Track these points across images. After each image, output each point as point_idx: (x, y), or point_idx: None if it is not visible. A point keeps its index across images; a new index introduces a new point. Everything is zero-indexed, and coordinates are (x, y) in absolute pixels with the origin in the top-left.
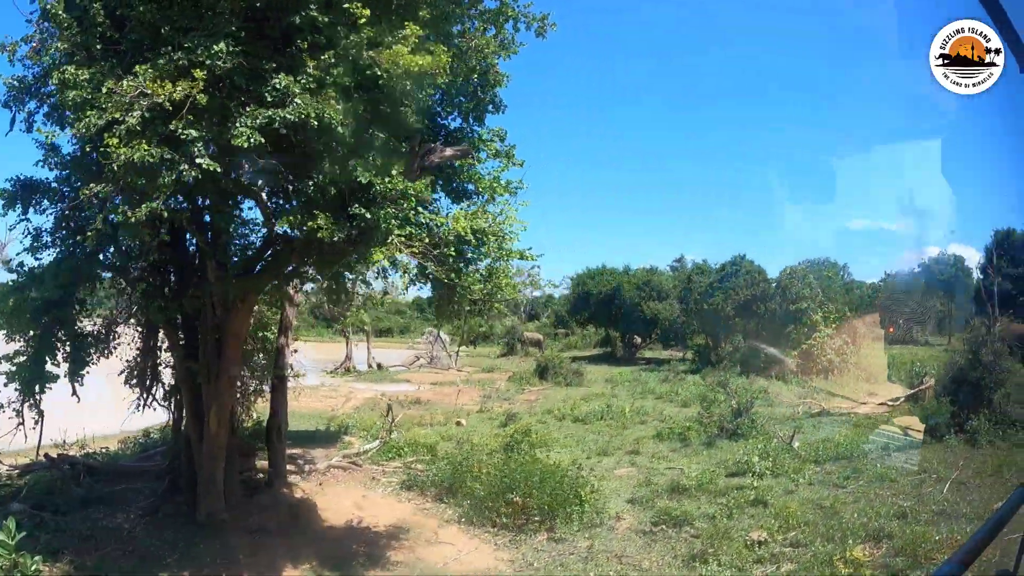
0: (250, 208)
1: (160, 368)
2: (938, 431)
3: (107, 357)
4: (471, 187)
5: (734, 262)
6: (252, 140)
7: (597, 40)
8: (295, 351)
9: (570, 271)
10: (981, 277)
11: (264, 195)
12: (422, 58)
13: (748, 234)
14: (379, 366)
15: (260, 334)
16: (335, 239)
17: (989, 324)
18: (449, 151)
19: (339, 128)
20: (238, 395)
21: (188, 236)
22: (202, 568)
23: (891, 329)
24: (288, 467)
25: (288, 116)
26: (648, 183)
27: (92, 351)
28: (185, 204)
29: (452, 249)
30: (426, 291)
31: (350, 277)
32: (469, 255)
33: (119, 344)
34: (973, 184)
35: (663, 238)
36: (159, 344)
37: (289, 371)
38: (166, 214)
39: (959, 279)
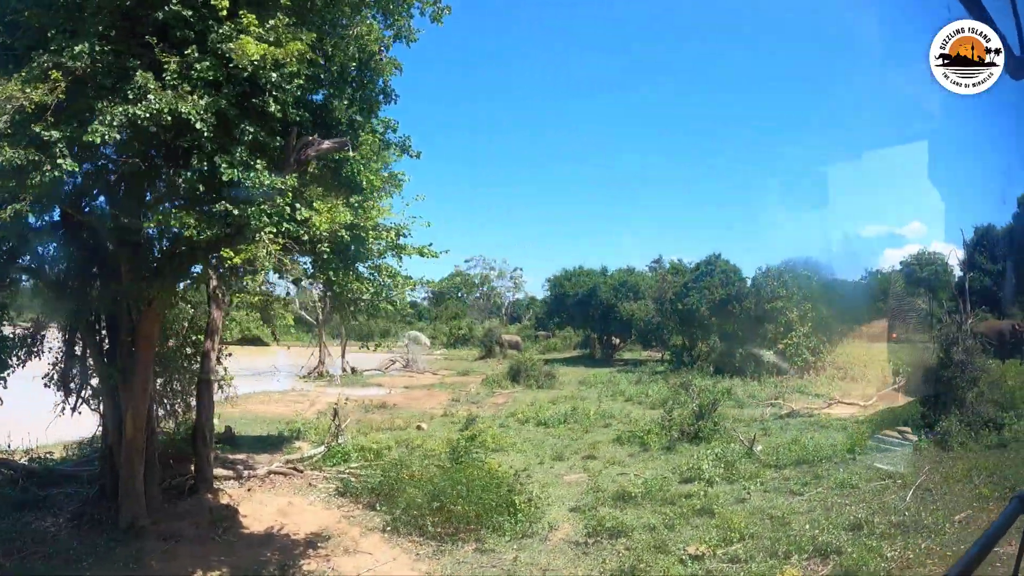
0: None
1: (90, 372)
2: (907, 433)
3: (33, 360)
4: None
5: (709, 262)
6: (106, 137)
7: (569, 34)
8: (229, 354)
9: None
10: (960, 274)
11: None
12: (268, 48)
13: (729, 234)
14: (353, 370)
15: (194, 337)
16: (202, 237)
17: (960, 321)
18: (326, 144)
19: (198, 123)
20: (166, 399)
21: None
22: (115, 573)
23: (894, 336)
24: (226, 472)
25: (140, 112)
26: (629, 183)
27: (14, 355)
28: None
29: (326, 246)
30: (411, 294)
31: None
32: (351, 252)
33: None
34: (955, 183)
35: (646, 239)
36: (85, 347)
37: (221, 375)
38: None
39: (940, 276)
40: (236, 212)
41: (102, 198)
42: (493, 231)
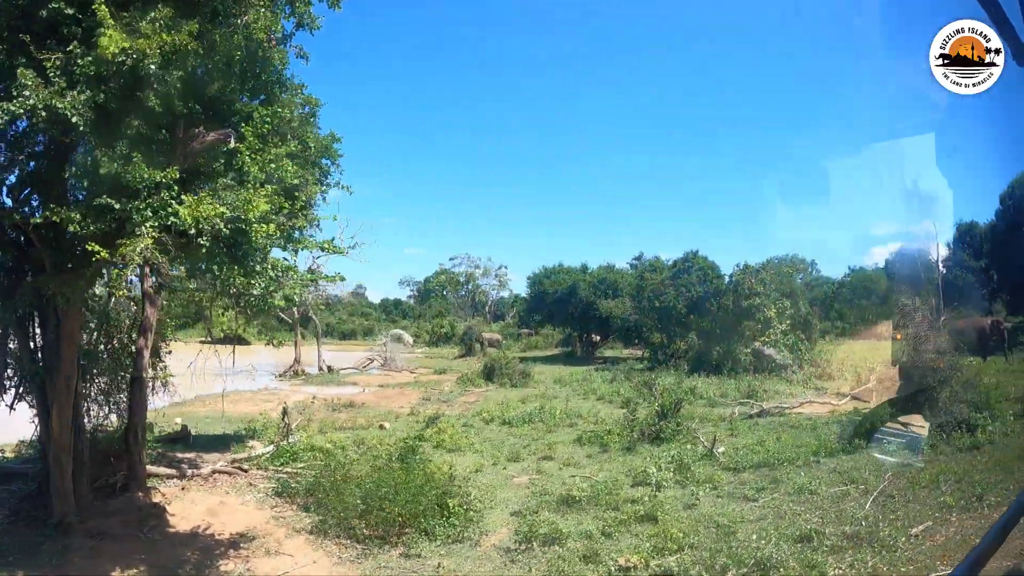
0: None
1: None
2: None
3: None
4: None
5: (686, 259)
6: None
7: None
8: (169, 352)
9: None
10: (943, 271)
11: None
12: (135, 41)
13: (710, 232)
14: (330, 369)
15: (133, 335)
16: (84, 232)
17: (933, 318)
18: (211, 136)
19: (74, 118)
20: (111, 397)
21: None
22: (38, 569)
23: (899, 336)
24: (169, 471)
25: (14, 109)
26: (616, 180)
27: None
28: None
29: (204, 239)
30: (397, 292)
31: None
32: (236, 246)
33: None
34: (940, 181)
35: (633, 237)
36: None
37: (159, 372)
38: None
39: (923, 273)
40: (117, 206)
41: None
42: (479, 229)
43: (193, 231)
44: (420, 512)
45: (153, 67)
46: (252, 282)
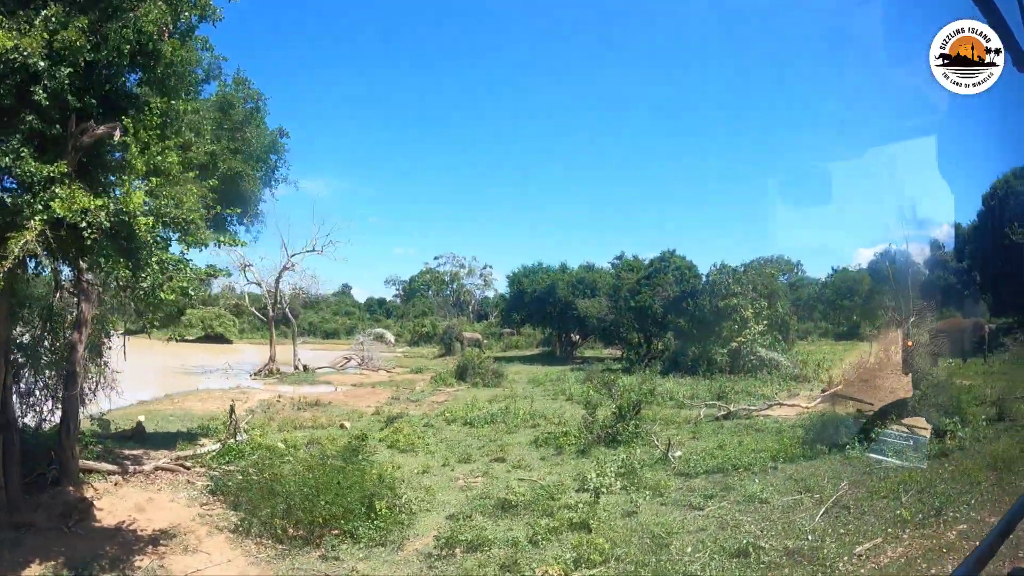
0: None
1: None
2: (839, 440)
3: None
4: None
5: (663, 258)
6: None
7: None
8: (110, 348)
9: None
10: (927, 272)
11: None
12: (12, 40)
13: (708, 232)
14: (305, 368)
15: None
16: None
17: (901, 320)
18: (101, 129)
19: None
20: (43, 391)
21: None
22: None
23: (910, 343)
24: (111, 467)
25: None
26: (597, 180)
27: None
28: None
29: (89, 232)
30: (383, 292)
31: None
32: (123, 240)
33: None
34: (925, 183)
35: (612, 237)
36: None
37: (98, 368)
38: None
39: (907, 274)
40: (9, 200)
41: None
42: (467, 228)
43: (83, 224)
44: (342, 514)
45: (42, 64)
46: (140, 275)
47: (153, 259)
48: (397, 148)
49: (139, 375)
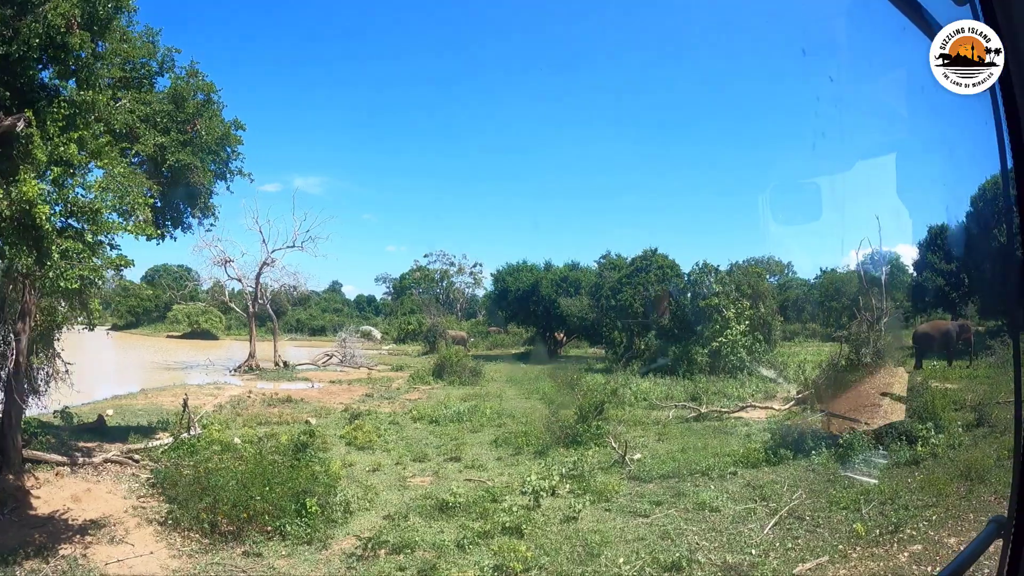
0: None
1: None
2: (804, 445)
3: None
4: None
5: (645, 257)
6: None
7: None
8: (58, 339)
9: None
10: (915, 273)
11: None
12: None
13: (703, 234)
14: (285, 364)
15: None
16: None
17: (871, 321)
18: (8, 121)
19: None
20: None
21: None
22: None
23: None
24: (60, 458)
25: None
26: (586, 178)
27: None
28: None
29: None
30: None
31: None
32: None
33: None
34: (915, 185)
35: (600, 237)
36: None
37: (47, 359)
38: None
39: (894, 276)
40: None
41: None
42: (458, 226)
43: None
44: (270, 510)
45: None
46: (45, 264)
47: (53, 247)
48: (393, 145)
49: (121, 369)
